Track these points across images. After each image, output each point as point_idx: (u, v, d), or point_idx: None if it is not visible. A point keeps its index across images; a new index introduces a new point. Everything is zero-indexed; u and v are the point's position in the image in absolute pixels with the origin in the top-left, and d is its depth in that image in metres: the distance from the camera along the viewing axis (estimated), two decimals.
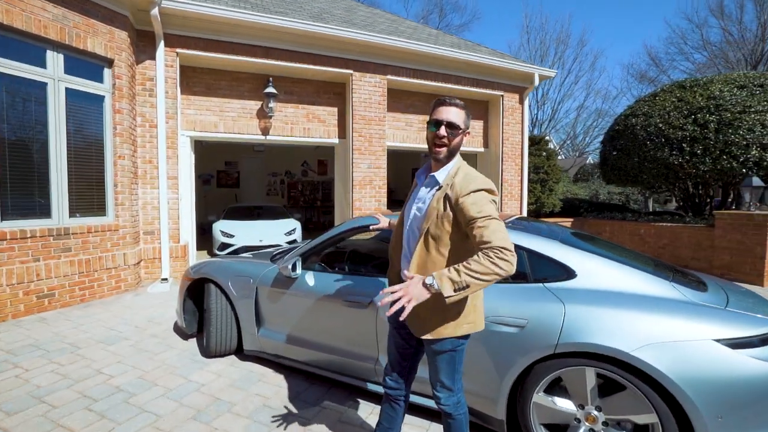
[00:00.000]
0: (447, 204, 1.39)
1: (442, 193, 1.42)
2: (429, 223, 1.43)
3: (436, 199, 1.43)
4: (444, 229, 1.40)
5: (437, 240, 1.42)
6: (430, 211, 1.43)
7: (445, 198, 1.40)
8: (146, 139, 5.30)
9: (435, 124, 1.42)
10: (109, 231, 4.64)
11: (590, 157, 23.83)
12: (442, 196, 1.41)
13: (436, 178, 1.46)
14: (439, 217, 1.40)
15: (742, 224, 5.90)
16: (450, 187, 1.40)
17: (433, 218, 1.41)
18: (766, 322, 1.66)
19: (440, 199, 1.41)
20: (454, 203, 1.36)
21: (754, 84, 6.77)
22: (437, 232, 1.42)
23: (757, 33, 18.91)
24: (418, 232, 1.48)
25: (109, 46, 4.64)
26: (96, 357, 3.01)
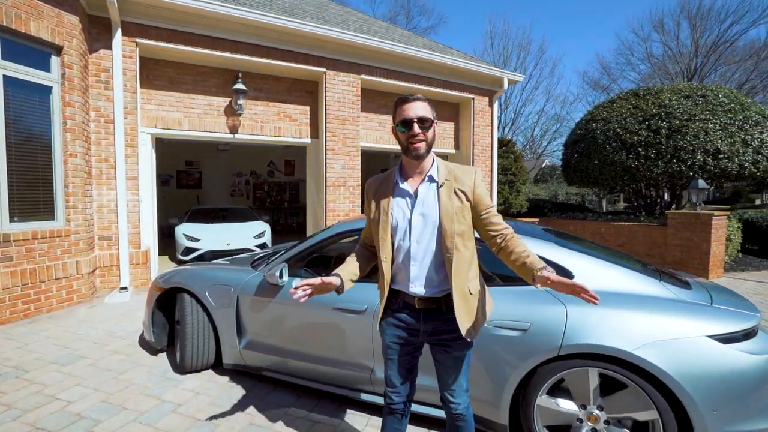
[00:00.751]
0: (463, 197, 1.38)
1: (449, 188, 1.38)
2: (452, 222, 1.35)
3: (446, 195, 1.37)
4: (466, 222, 1.39)
5: (462, 236, 1.37)
6: (446, 209, 1.36)
7: (457, 192, 1.38)
8: (101, 135, 4.84)
9: (405, 123, 1.35)
10: (58, 237, 4.18)
11: (547, 160, 25.09)
12: (451, 190, 1.38)
13: (433, 176, 1.41)
14: (458, 212, 1.37)
15: (691, 223, 6.40)
16: (455, 179, 1.39)
17: (453, 215, 1.36)
18: (748, 317, 1.76)
19: (451, 195, 1.37)
20: (471, 195, 1.39)
21: (697, 95, 7.38)
22: (461, 228, 1.37)
23: (691, 49, 20.82)
24: (437, 236, 1.38)
25: (56, 31, 4.19)
26: (48, 381, 2.67)
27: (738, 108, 7.07)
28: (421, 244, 1.40)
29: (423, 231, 1.39)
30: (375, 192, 1.49)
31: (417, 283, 1.41)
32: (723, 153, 6.81)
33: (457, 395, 1.48)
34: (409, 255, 1.40)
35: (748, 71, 19.44)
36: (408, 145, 1.37)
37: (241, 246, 6.85)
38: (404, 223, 1.41)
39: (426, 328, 1.44)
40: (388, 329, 1.50)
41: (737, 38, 20.00)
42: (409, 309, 1.46)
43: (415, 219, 1.40)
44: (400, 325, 1.48)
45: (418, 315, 1.44)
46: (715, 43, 20.11)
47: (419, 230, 1.39)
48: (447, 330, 1.40)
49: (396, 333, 1.49)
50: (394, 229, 1.42)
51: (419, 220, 1.39)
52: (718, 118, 6.94)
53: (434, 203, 1.38)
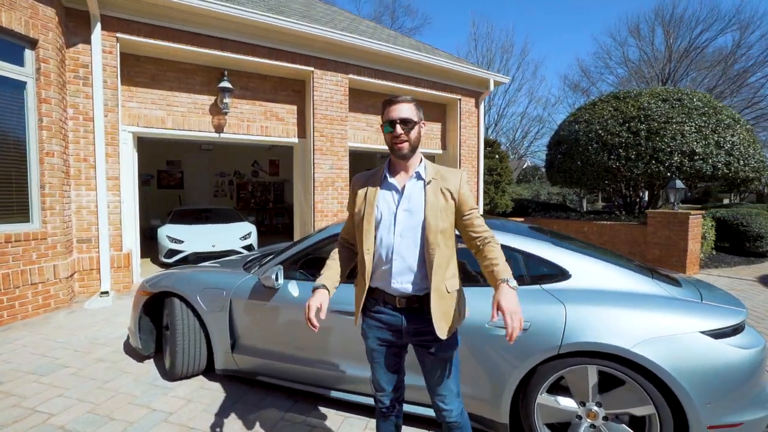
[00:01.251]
0: (449, 196, 1.40)
1: (435, 186, 1.40)
2: (436, 219, 1.37)
3: (432, 193, 1.39)
4: (449, 220, 1.41)
5: (444, 234, 1.39)
6: (431, 206, 1.38)
7: (442, 191, 1.40)
8: (80, 134, 4.64)
9: (389, 124, 1.38)
10: (34, 240, 3.98)
11: (529, 160, 25.61)
12: (437, 189, 1.40)
13: (420, 174, 1.43)
14: (443, 210, 1.39)
15: (669, 222, 6.65)
16: (442, 179, 1.42)
17: (438, 212, 1.38)
18: (736, 313, 1.83)
19: (437, 193, 1.40)
20: (456, 194, 1.41)
21: (674, 98, 7.67)
22: (444, 225, 1.39)
23: (665, 54, 21.66)
24: (419, 233, 1.38)
25: (31, 23, 3.99)
26: (27, 392, 2.53)
27: (711, 111, 7.39)
28: (404, 239, 1.40)
29: (407, 226, 1.40)
30: (362, 185, 1.51)
31: (399, 279, 1.41)
32: (698, 154, 7.10)
33: (448, 401, 1.46)
34: (392, 249, 1.40)
35: (717, 77, 20.36)
36: (392, 144, 1.40)
37: (227, 248, 6.70)
38: (389, 216, 1.42)
39: (408, 328, 1.44)
40: (371, 332, 1.49)
41: (707, 45, 20.95)
42: (390, 308, 1.45)
43: (401, 214, 1.41)
44: (382, 327, 1.47)
45: (400, 315, 1.44)
46: (687, 49, 20.99)
47: (403, 225, 1.40)
48: (429, 331, 1.39)
49: (378, 335, 1.48)
50: (378, 221, 1.43)
51: (404, 216, 1.41)
52: (694, 121, 7.23)
53: (420, 200, 1.40)
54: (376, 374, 1.54)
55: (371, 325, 1.49)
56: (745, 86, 20.05)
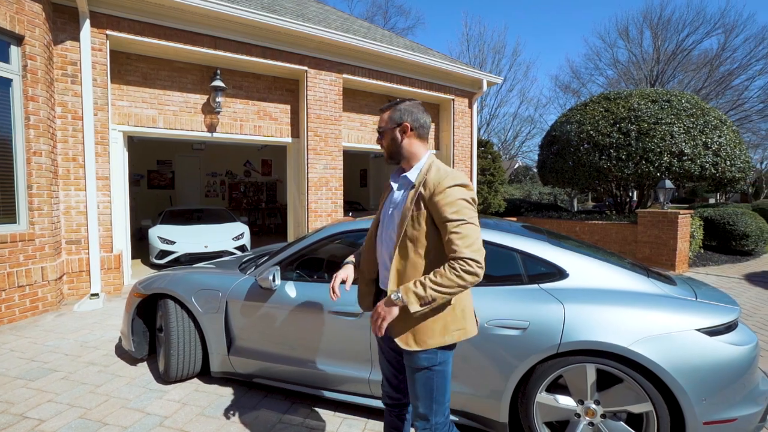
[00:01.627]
0: (421, 202, 1.33)
1: (415, 192, 1.35)
2: (405, 225, 1.34)
3: (410, 198, 1.36)
4: (421, 229, 1.32)
5: (414, 242, 1.33)
6: (404, 212, 1.36)
7: (419, 197, 1.33)
8: (69, 132, 4.54)
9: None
10: (21, 241, 3.89)
11: (520, 160, 25.82)
12: (416, 195, 1.35)
13: (409, 178, 1.41)
14: (414, 218, 1.33)
15: (659, 221, 6.76)
16: (423, 184, 1.34)
17: (408, 219, 1.34)
18: (730, 310, 1.86)
19: (413, 198, 1.35)
20: (428, 201, 1.31)
21: (663, 99, 7.81)
22: (414, 233, 1.33)
23: (653, 56, 22.03)
24: (395, 236, 1.39)
25: (17, 19, 3.89)
26: (15, 398, 2.46)
27: (699, 113, 7.54)
28: (384, 242, 1.47)
29: (388, 229, 1.46)
30: (385, 187, 1.60)
31: (383, 277, 1.47)
32: (687, 155, 7.23)
33: (414, 416, 1.40)
34: (380, 249, 1.49)
35: (703, 79, 20.78)
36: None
37: (220, 249, 6.63)
38: (383, 219, 1.51)
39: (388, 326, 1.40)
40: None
41: (693, 47, 21.35)
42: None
43: (387, 217, 1.47)
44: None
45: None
46: (674, 52, 21.38)
47: (386, 227, 1.47)
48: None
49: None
50: (378, 223, 1.54)
51: (388, 219, 1.46)
52: (682, 122, 7.36)
53: (401, 205, 1.41)
54: (382, 369, 1.61)
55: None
56: (730, 88, 20.50)
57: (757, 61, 19.50)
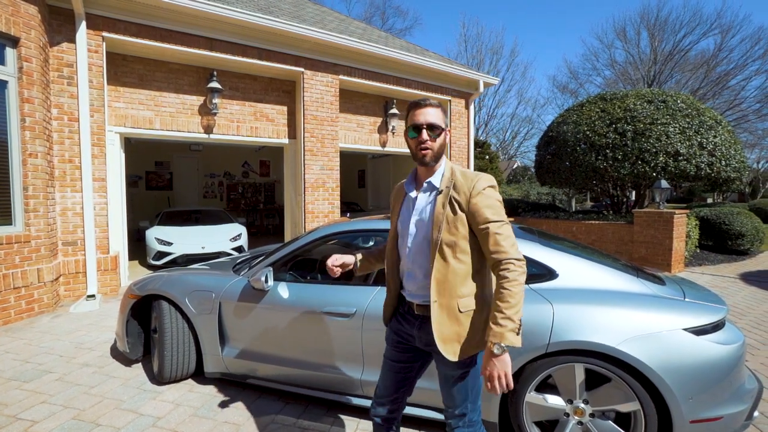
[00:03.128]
0: (457, 206, 1.30)
1: (445, 196, 1.32)
2: (440, 232, 1.30)
3: (440, 204, 1.32)
4: (458, 233, 1.29)
5: (453, 247, 1.30)
6: (437, 219, 1.31)
7: (452, 201, 1.31)
8: (65, 134, 4.55)
9: (415, 129, 1.33)
10: (17, 243, 3.89)
11: (518, 161, 25.87)
12: (446, 200, 1.31)
13: (433, 183, 1.37)
14: (450, 222, 1.30)
15: (655, 221, 6.79)
16: (454, 188, 1.32)
17: (444, 225, 1.30)
18: (717, 310, 1.88)
19: (446, 204, 1.31)
20: (466, 204, 1.29)
21: (659, 100, 7.83)
22: (452, 239, 1.30)
23: (651, 57, 22.11)
24: (427, 244, 1.34)
25: (12, 21, 3.90)
26: (9, 399, 2.47)
27: (694, 113, 7.56)
28: (413, 252, 1.39)
29: (416, 237, 1.39)
30: (396, 195, 1.55)
31: (410, 290, 1.42)
32: (682, 155, 7.26)
33: (454, 422, 1.39)
34: (406, 261, 1.42)
35: (700, 79, 20.86)
36: (416, 151, 1.35)
37: (217, 249, 6.64)
38: (404, 228, 1.43)
39: (420, 335, 1.42)
40: (390, 330, 1.53)
41: (690, 48, 21.44)
42: (410, 314, 1.46)
43: (412, 225, 1.40)
44: (400, 329, 1.50)
45: (415, 320, 1.43)
46: (671, 52, 21.46)
47: (413, 236, 1.39)
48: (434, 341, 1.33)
49: (396, 337, 1.51)
50: (398, 233, 1.46)
51: (414, 228, 1.40)
52: (678, 122, 7.39)
53: (429, 211, 1.36)
54: (381, 377, 1.53)
55: (392, 325, 1.53)
56: (726, 88, 20.59)
57: (754, 61, 19.62)
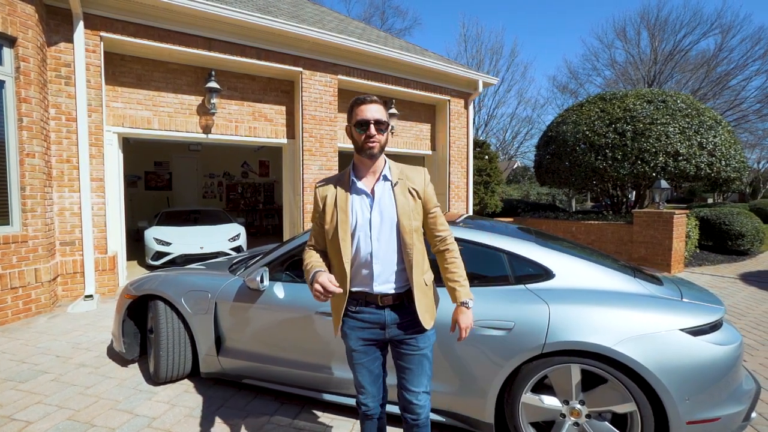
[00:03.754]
0: (415, 195, 1.45)
1: (402, 187, 1.44)
2: (409, 219, 1.42)
3: (401, 194, 1.43)
4: (419, 219, 1.47)
5: (418, 232, 1.45)
6: (402, 207, 1.42)
7: (410, 190, 1.45)
8: (63, 134, 4.54)
9: (362, 124, 1.38)
10: (14, 243, 3.89)
11: (519, 161, 25.82)
12: (405, 189, 1.44)
13: (387, 175, 1.46)
14: (413, 210, 1.44)
15: (654, 221, 6.77)
16: (408, 179, 1.46)
17: (409, 212, 1.42)
18: (714, 310, 1.87)
19: (406, 193, 1.44)
20: (422, 193, 1.47)
21: (659, 100, 7.82)
22: (417, 224, 1.45)
23: (651, 57, 22.07)
24: (396, 233, 1.42)
25: (9, 20, 3.89)
26: (4, 400, 2.47)
27: (694, 113, 7.55)
28: (381, 242, 1.41)
29: (381, 229, 1.41)
30: (329, 192, 1.48)
31: (381, 281, 1.43)
32: (682, 155, 7.25)
33: (422, 398, 1.46)
34: (371, 254, 1.41)
35: (700, 79, 20.82)
36: (363, 144, 1.40)
37: (215, 250, 6.63)
38: (364, 221, 1.42)
39: (391, 324, 1.45)
40: (352, 333, 1.48)
41: (690, 48, 21.41)
42: (372, 307, 1.46)
43: (374, 217, 1.42)
44: (364, 326, 1.47)
45: (382, 311, 1.45)
46: (672, 52, 21.42)
47: (378, 228, 1.41)
48: (410, 323, 1.45)
49: (360, 335, 1.48)
50: (354, 228, 1.42)
51: (378, 219, 1.42)
52: (677, 122, 7.37)
53: (391, 201, 1.42)
54: (359, 376, 1.53)
55: (353, 326, 1.48)
56: (727, 89, 20.55)
57: (754, 61, 19.58)
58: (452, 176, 8.58)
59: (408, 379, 1.47)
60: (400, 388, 1.50)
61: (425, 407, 1.47)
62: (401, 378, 1.49)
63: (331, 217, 1.44)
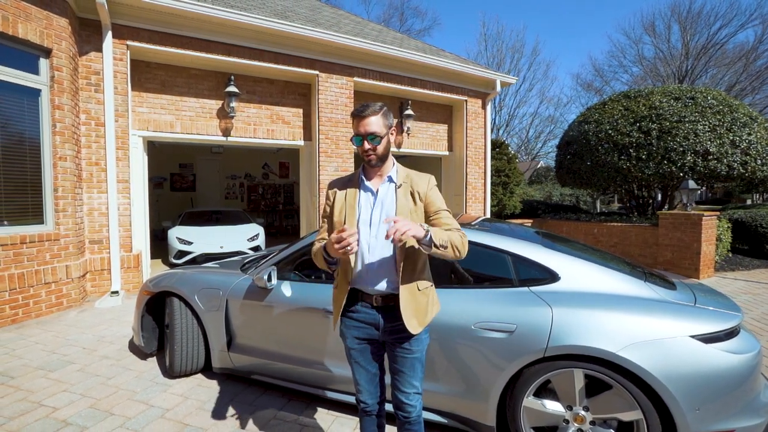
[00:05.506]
0: (417, 198, 1.48)
1: (405, 190, 1.48)
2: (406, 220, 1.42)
3: (402, 196, 1.47)
4: (418, 221, 1.43)
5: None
6: (401, 208, 1.45)
7: (413, 193, 1.48)
8: (92, 138, 4.81)
9: (357, 139, 1.45)
10: (47, 241, 4.14)
11: (542, 161, 25.19)
12: (407, 192, 1.48)
13: (392, 177, 1.51)
14: (412, 212, 1.46)
15: (681, 223, 6.47)
16: (411, 183, 1.50)
17: (407, 213, 1.44)
18: (730, 317, 1.78)
19: (407, 196, 1.47)
20: (424, 196, 1.49)
21: (687, 97, 7.47)
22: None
23: (682, 52, 21.07)
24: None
25: (45, 33, 4.16)
26: (35, 387, 2.64)
27: (726, 110, 7.16)
28: (379, 240, 1.45)
29: (380, 226, 1.45)
30: (340, 190, 1.55)
31: (375, 279, 1.46)
32: (712, 154, 6.90)
33: (413, 398, 1.49)
34: (369, 248, 1.46)
35: (738, 73, 19.69)
36: (362, 155, 1.47)
37: (235, 249, 6.83)
38: (366, 217, 1.48)
39: (385, 326, 1.48)
40: (349, 332, 1.53)
41: (726, 41, 20.27)
42: (368, 306, 1.49)
43: (375, 215, 1.47)
44: (360, 326, 1.51)
45: (378, 313, 1.48)
46: (705, 46, 20.37)
47: (377, 225, 1.46)
48: (402, 326, 1.44)
49: (357, 335, 1.52)
50: (358, 221, 1.48)
51: (378, 216, 1.47)
52: (707, 119, 7.02)
53: (392, 201, 1.47)
54: (357, 375, 1.56)
55: (350, 325, 1.53)
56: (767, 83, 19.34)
57: None
58: (469, 177, 8.49)
59: (400, 381, 1.50)
60: (393, 388, 1.53)
61: (416, 406, 1.50)
62: (394, 379, 1.52)
63: (340, 212, 1.51)
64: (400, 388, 1.50)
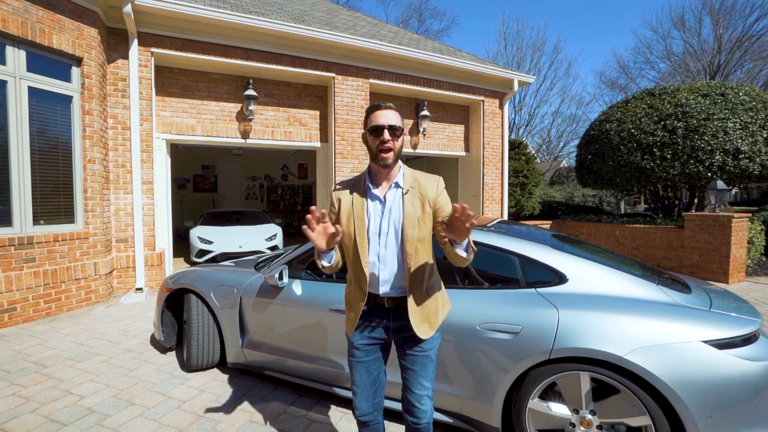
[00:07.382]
0: (426, 204, 1.43)
1: (413, 195, 1.43)
2: (413, 229, 1.40)
3: (409, 203, 1.42)
4: (426, 228, 1.43)
5: (423, 242, 1.42)
6: (409, 216, 1.40)
7: (420, 199, 1.43)
8: (119, 141, 5.05)
9: (376, 130, 1.38)
10: (78, 239, 4.38)
11: (564, 161, 24.57)
12: (415, 198, 1.42)
13: (399, 183, 1.45)
14: (420, 219, 1.41)
15: (709, 225, 6.20)
16: (419, 187, 1.44)
17: (415, 222, 1.40)
18: (748, 322, 1.72)
19: (415, 202, 1.42)
20: (433, 202, 1.43)
21: (716, 93, 7.15)
22: (422, 234, 1.42)
23: (714, 46, 20.12)
24: (400, 241, 1.41)
25: (77, 43, 4.40)
26: (64, 376, 2.80)
27: (760, 106, 6.82)
28: (388, 249, 1.43)
29: (389, 235, 1.43)
30: (346, 197, 1.49)
31: (386, 285, 1.45)
32: (744, 153, 6.58)
33: (424, 401, 1.45)
34: (378, 258, 1.44)
35: None
36: (377, 152, 1.39)
37: (253, 248, 7.00)
38: (376, 227, 1.44)
39: (395, 325, 1.47)
40: (356, 330, 1.51)
41: (764, 33, 19.22)
42: (378, 308, 1.48)
43: (384, 224, 1.44)
44: (369, 324, 1.50)
45: (388, 313, 1.47)
46: (740, 39, 19.38)
47: (386, 235, 1.43)
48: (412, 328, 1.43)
49: (366, 333, 1.50)
50: (369, 233, 1.44)
51: (386, 226, 1.43)
52: (738, 117, 6.70)
53: (399, 209, 1.43)
54: (356, 375, 1.52)
55: (358, 324, 1.51)
56: None
57: None
58: (486, 178, 8.40)
59: (411, 381, 1.47)
60: (403, 390, 1.50)
61: (427, 412, 1.45)
62: (405, 379, 1.49)
63: (347, 222, 1.45)
64: (410, 389, 1.46)
